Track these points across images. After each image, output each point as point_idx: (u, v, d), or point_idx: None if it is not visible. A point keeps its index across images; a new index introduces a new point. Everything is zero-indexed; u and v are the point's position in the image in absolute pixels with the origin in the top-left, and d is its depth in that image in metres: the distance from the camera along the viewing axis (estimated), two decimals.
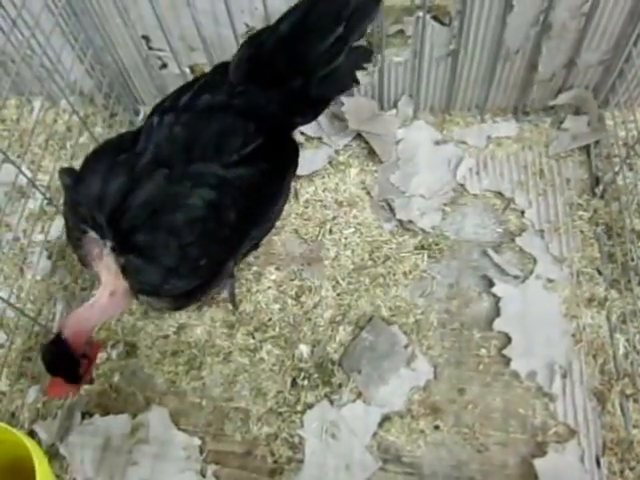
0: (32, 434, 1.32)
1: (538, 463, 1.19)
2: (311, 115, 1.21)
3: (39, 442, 1.30)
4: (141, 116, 1.77)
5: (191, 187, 1.04)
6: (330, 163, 1.61)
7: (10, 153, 1.30)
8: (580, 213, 1.46)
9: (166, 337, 1.42)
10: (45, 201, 1.42)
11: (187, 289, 1.11)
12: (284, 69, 1.08)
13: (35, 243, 1.53)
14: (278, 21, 1.07)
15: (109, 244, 1.04)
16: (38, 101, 1.71)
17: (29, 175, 1.33)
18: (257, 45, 1.09)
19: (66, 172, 1.13)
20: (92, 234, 1.04)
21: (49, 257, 1.53)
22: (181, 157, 1.05)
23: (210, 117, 1.08)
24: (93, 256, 1.07)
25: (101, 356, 1.42)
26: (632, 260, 1.34)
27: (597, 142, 1.53)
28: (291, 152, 1.23)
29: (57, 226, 1.54)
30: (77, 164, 1.57)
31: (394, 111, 1.64)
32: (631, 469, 1.17)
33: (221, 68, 1.17)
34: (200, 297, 1.23)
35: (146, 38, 1.54)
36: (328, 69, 1.08)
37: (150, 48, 1.57)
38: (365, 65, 1.14)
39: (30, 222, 1.55)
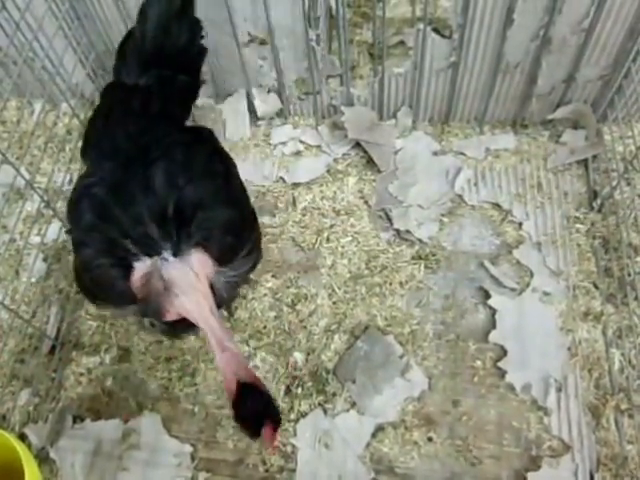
0: (22, 437, 1.31)
1: (532, 477, 1.18)
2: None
3: (29, 445, 1.29)
4: None
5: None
6: (328, 171, 1.62)
7: (9, 155, 1.30)
8: (577, 226, 1.46)
9: (160, 342, 1.41)
10: (42, 204, 1.41)
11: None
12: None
13: (31, 245, 1.52)
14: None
15: (168, 252, 0.93)
16: (39, 103, 1.71)
17: (27, 177, 1.33)
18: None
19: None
20: (143, 260, 0.92)
21: (45, 260, 1.53)
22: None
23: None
24: (158, 283, 0.92)
25: (94, 361, 1.42)
26: (629, 275, 1.34)
27: (595, 156, 1.54)
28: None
29: (54, 229, 1.53)
30: (76, 167, 1.61)
31: (393, 121, 1.65)
32: None
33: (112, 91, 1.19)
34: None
35: None
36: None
37: None
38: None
39: (27, 224, 1.55)
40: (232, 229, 1.00)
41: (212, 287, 0.95)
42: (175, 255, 0.92)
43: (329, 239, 1.51)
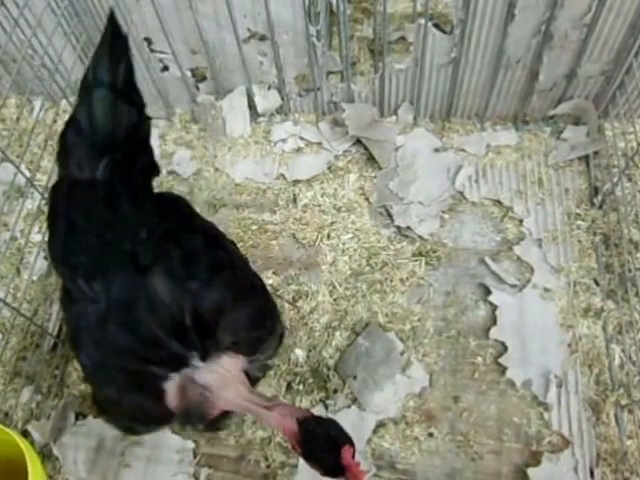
0: (25, 434, 1.32)
1: (532, 472, 1.19)
2: None
3: (32, 442, 1.30)
4: None
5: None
6: (329, 168, 1.62)
7: (9, 152, 1.30)
8: (578, 223, 1.46)
9: None
10: (43, 201, 1.41)
11: None
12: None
13: (32, 243, 1.53)
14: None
15: (196, 360, 0.90)
16: (38, 101, 1.71)
17: (28, 175, 1.33)
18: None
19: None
20: (172, 378, 0.90)
21: (46, 258, 1.52)
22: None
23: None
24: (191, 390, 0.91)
25: None
26: (629, 271, 1.34)
27: (596, 152, 1.54)
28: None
29: None
30: None
31: (394, 118, 1.64)
32: None
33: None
34: None
35: (148, 40, 1.54)
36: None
37: (152, 51, 1.57)
38: None
39: (28, 222, 1.55)
40: (256, 322, 0.98)
41: (247, 374, 0.95)
42: (204, 360, 0.90)
43: (330, 236, 1.51)
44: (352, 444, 0.87)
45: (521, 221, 1.48)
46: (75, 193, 0.96)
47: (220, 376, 0.90)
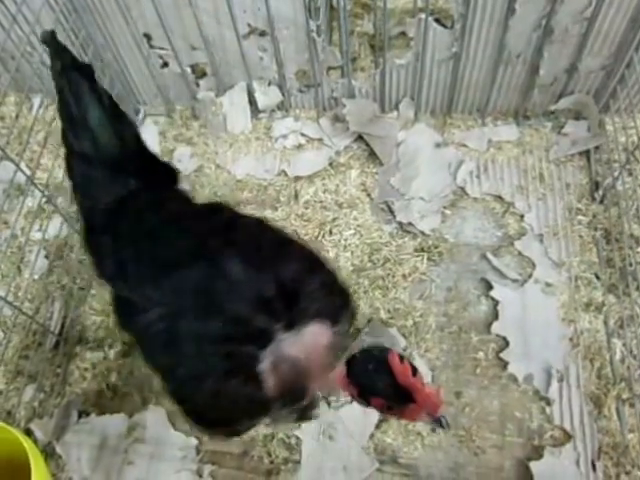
0: (28, 433, 1.31)
1: (534, 466, 1.19)
2: None
3: (35, 441, 1.29)
4: (141, 115, 1.76)
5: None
6: (331, 164, 1.61)
7: (9, 150, 1.29)
8: (579, 218, 1.47)
9: None
10: (44, 199, 1.40)
11: None
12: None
13: (33, 241, 1.52)
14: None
15: (281, 333, 0.87)
16: (38, 98, 1.70)
17: (28, 173, 1.32)
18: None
19: None
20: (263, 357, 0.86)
21: (47, 256, 1.52)
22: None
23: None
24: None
25: (98, 356, 1.42)
26: (630, 265, 1.34)
27: (597, 147, 1.54)
28: None
29: (55, 224, 1.53)
30: None
31: (395, 113, 1.64)
32: (627, 473, 1.18)
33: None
34: None
35: (147, 36, 1.53)
36: None
37: (151, 47, 1.56)
38: None
39: (28, 220, 1.54)
40: (333, 288, 0.96)
41: (332, 348, 0.91)
42: (288, 331, 0.86)
43: (332, 232, 1.51)
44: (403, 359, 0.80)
45: (522, 216, 1.48)
46: (114, 214, 0.97)
47: (307, 347, 0.85)
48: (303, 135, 1.66)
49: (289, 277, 0.88)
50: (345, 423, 1.27)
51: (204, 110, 1.68)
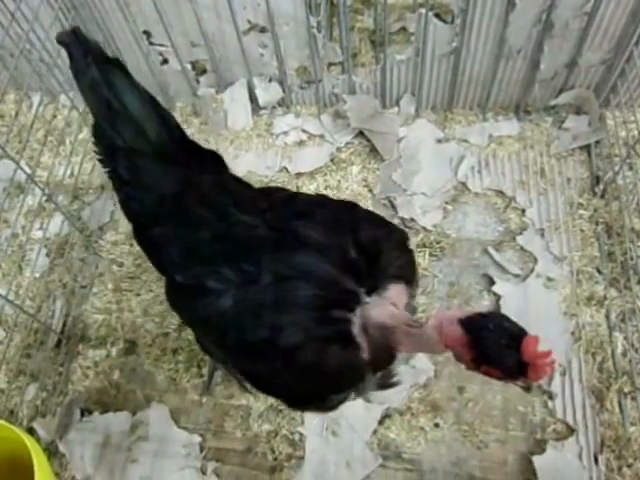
0: (31, 431, 1.31)
1: (537, 460, 1.20)
2: None
3: (38, 440, 1.29)
4: None
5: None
6: (332, 161, 1.61)
7: (9, 149, 1.28)
8: (580, 212, 1.47)
9: (166, 335, 1.41)
10: (44, 197, 1.40)
11: None
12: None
13: (34, 240, 1.52)
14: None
15: (365, 297, 0.86)
16: (37, 96, 1.69)
17: (28, 171, 1.31)
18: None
19: None
20: (354, 321, 0.86)
21: (48, 254, 1.52)
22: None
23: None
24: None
25: (101, 354, 1.42)
26: (631, 259, 1.35)
27: (598, 142, 1.54)
28: None
29: (56, 223, 1.53)
30: (76, 160, 1.60)
31: (396, 109, 1.64)
32: (629, 466, 1.19)
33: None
34: None
35: (147, 33, 1.52)
36: None
37: (151, 43, 1.55)
38: None
39: (29, 218, 1.54)
40: (405, 247, 0.96)
41: (409, 309, 0.91)
42: (371, 294, 0.85)
43: None
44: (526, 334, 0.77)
45: (524, 211, 1.49)
46: (174, 202, 0.95)
47: (390, 309, 0.84)
48: (304, 131, 1.66)
49: (367, 238, 0.88)
50: (348, 419, 1.27)
51: (205, 107, 1.67)
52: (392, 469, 1.23)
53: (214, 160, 1.05)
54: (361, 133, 1.62)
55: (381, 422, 1.27)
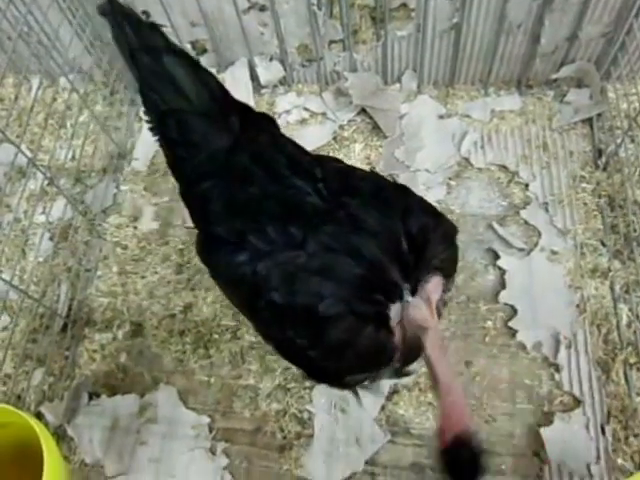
0: (39, 416, 1.31)
1: (545, 432, 1.20)
2: None
3: (46, 424, 1.29)
4: None
5: None
6: (335, 139, 1.60)
7: (9, 133, 1.27)
8: (583, 185, 1.47)
9: (173, 316, 1.41)
10: (46, 181, 1.39)
11: None
12: None
13: (36, 224, 1.51)
14: None
15: (407, 292, 0.85)
16: (36, 79, 1.67)
17: (29, 155, 1.30)
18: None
19: None
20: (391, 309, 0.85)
21: (51, 239, 1.51)
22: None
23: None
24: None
25: (107, 337, 1.41)
26: (634, 231, 1.35)
27: (599, 115, 1.54)
28: None
29: (58, 206, 1.51)
30: (77, 143, 1.58)
31: (398, 86, 1.63)
32: (635, 436, 1.20)
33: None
34: None
35: (146, 13, 1.50)
36: None
37: None
38: None
39: (31, 203, 1.53)
40: (453, 240, 0.95)
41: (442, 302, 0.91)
42: (414, 292, 0.85)
43: None
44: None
45: (527, 185, 1.49)
46: (228, 156, 0.94)
47: (427, 306, 0.84)
48: (306, 110, 1.65)
49: (417, 227, 0.86)
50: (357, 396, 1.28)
51: None
52: (401, 445, 1.23)
53: (268, 121, 1.06)
54: (363, 110, 1.61)
55: (389, 398, 1.27)
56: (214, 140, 0.95)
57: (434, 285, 0.86)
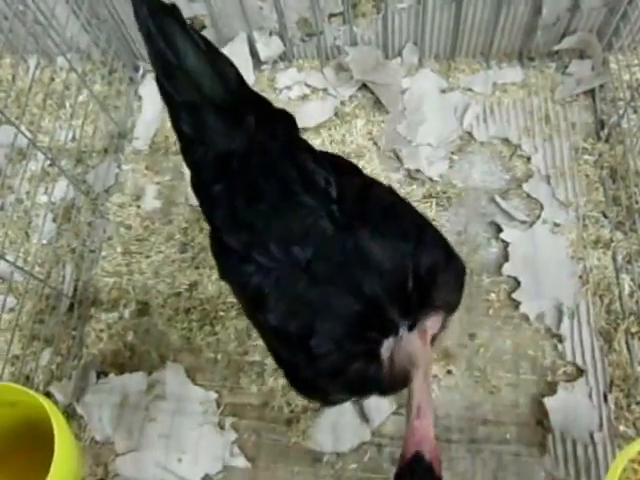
0: (48, 395, 1.32)
1: (548, 401, 1.22)
2: None
3: (55, 403, 1.29)
4: (141, 72, 1.71)
5: None
6: (336, 114, 1.59)
7: (7, 114, 1.26)
8: (585, 157, 1.47)
9: (178, 295, 1.42)
10: (47, 162, 1.38)
11: None
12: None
13: (39, 205, 1.51)
14: None
15: (405, 328, 0.83)
16: (33, 59, 1.65)
17: (29, 136, 1.30)
18: None
19: None
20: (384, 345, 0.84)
21: (54, 219, 1.51)
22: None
23: None
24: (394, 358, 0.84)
25: (113, 316, 1.42)
26: (636, 202, 1.36)
27: (602, 86, 1.53)
28: None
29: (60, 187, 1.51)
30: (77, 124, 1.57)
31: (399, 59, 1.62)
32: (637, 403, 1.22)
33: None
34: None
35: None
36: None
37: None
38: None
39: (33, 184, 1.52)
40: (462, 281, 0.92)
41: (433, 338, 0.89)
42: (411, 328, 0.83)
43: None
44: None
45: (529, 158, 1.48)
46: (238, 160, 0.89)
47: (420, 349, 0.82)
48: (307, 85, 1.63)
49: (427, 267, 0.83)
50: None
51: None
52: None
53: (285, 122, 0.97)
54: (364, 86, 1.60)
55: None
56: (226, 140, 0.90)
57: (433, 321, 0.85)
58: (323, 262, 0.82)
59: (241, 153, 0.90)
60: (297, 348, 0.85)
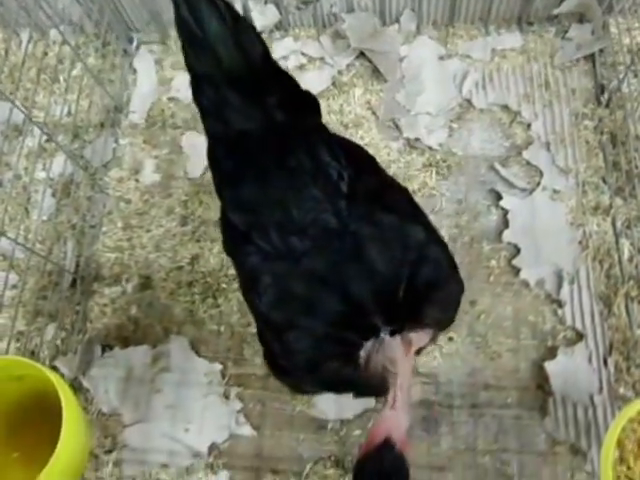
0: (54, 370, 1.31)
1: (548, 366, 1.24)
2: None
3: (62, 377, 1.30)
4: (135, 44, 1.69)
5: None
6: (334, 84, 1.57)
7: (2, 90, 1.24)
8: (585, 123, 1.46)
9: (180, 268, 1.42)
10: (44, 137, 1.37)
11: None
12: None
13: (38, 181, 1.50)
14: None
15: (386, 333, 0.82)
16: (26, 33, 1.62)
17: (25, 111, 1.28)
18: None
19: None
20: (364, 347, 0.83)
21: (53, 195, 1.50)
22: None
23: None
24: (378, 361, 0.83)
25: (116, 291, 1.43)
26: (636, 167, 1.36)
27: (602, 50, 1.52)
28: None
29: (59, 162, 1.50)
30: (72, 98, 1.55)
31: (396, 26, 1.59)
32: (637, 366, 1.23)
33: None
34: None
35: None
36: None
37: None
38: None
39: (30, 160, 1.51)
40: (458, 302, 0.91)
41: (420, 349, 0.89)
42: (393, 335, 0.82)
43: None
44: None
45: (529, 125, 1.48)
46: (252, 142, 0.87)
47: (402, 354, 0.82)
48: (304, 55, 1.61)
49: (423, 281, 0.82)
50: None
51: None
52: None
53: (308, 106, 0.94)
54: (362, 54, 1.58)
55: None
56: (243, 118, 0.87)
57: (420, 336, 0.85)
58: (318, 257, 0.81)
59: (257, 133, 0.87)
60: (276, 338, 0.85)
